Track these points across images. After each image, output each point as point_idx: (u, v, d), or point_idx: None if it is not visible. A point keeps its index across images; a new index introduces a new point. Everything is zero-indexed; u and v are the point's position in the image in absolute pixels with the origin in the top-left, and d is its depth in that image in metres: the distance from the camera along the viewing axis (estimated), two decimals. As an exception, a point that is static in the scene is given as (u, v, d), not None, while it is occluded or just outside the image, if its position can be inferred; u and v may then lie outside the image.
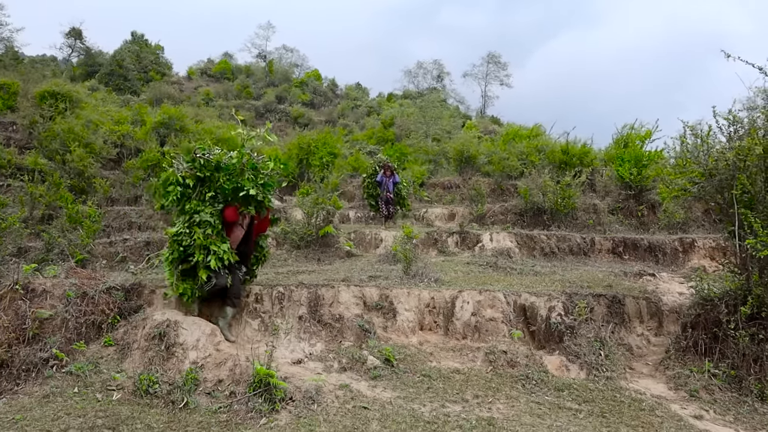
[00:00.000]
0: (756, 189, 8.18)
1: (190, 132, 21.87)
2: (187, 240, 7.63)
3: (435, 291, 9.43)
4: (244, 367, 7.03)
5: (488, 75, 63.16)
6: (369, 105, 47.38)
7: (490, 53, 64.27)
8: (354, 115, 43.78)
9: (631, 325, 9.43)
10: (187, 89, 44.88)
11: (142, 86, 40.53)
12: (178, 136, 21.04)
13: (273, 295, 8.79)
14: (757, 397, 7.34)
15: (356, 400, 6.71)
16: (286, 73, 53.82)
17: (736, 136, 8.73)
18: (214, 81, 50.73)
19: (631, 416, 6.77)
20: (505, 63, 63.94)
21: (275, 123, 39.86)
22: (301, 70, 59.46)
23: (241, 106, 41.46)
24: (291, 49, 62.52)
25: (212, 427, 5.98)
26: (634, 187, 17.51)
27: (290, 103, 43.45)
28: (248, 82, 48.76)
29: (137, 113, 23.85)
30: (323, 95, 50.28)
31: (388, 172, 16.95)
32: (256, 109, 41.34)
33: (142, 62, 44.72)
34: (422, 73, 62.53)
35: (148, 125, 21.54)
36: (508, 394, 7.19)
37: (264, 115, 41.07)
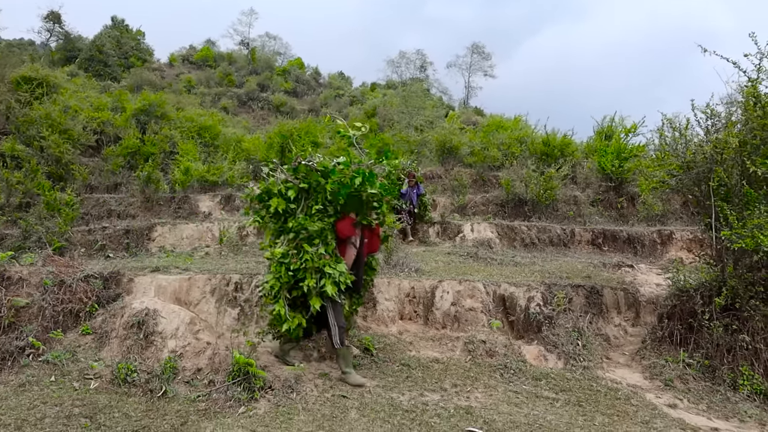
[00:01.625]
0: (732, 182, 8.30)
1: (171, 119, 21.65)
2: (297, 262, 6.65)
3: (415, 281, 9.46)
4: (223, 356, 7.02)
5: (472, 66, 63.10)
6: (352, 94, 47.17)
7: (474, 44, 64.13)
8: (337, 104, 43.54)
9: (608, 316, 9.54)
10: (169, 76, 44.39)
11: (123, 72, 40.03)
12: (159, 123, 20.83)
13: (253, 284, 8.77)
14: (729, 386, 7.48)
15: (335, 389, 6.74)
16: (269, 61, 53.42)
17: (714, 129, 8.84)
18: (196, 68, 50.22)
19: (606, 405, 6.86)
20: (488, 54, 63.84)
21: (257, 111, 39.64)
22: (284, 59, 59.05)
23: (223, 93, 41.12)
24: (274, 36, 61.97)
25: (190, 415, 5.97)
26: (615, 180, 17.65)
27: (273, 92, 43.11)
28: (230, 70, 48.35)
29: (117, 100, 23.55)
30: (306, 84, 49.99)
31: (413, 182, 14.85)
32: (238, 97, 41.01)
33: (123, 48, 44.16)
34: (405, 63, 62.35)
35: (128, 112, 21.30)
36: (486, 384, 7.25)
37: (246, 104, 40.79)
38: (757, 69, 8.28)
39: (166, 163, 18.47)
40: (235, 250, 12.17)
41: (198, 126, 21.61)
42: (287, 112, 37.78)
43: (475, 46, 63.44)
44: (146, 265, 9.67)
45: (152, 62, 47.47)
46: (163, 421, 5.77)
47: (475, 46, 63.45)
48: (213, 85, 43.72)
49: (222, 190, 16.90)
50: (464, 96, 62.02)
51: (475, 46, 63.44)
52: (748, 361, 7.59)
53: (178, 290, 8.51)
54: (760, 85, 8.27)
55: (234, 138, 22.52)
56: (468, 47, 64.40)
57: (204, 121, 22.10)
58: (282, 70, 50.79)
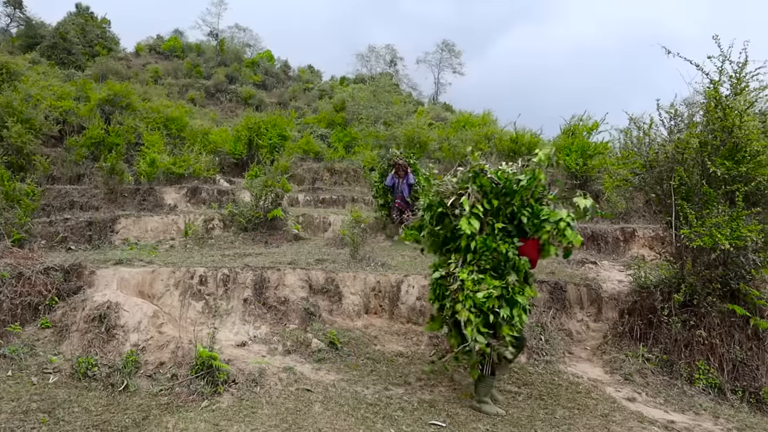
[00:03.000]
0: (692, 181, 8.49)
1: (136, 110, 21.26)
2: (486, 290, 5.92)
3: (381, 275, 9.48)
4: (186, 350, 6.98)
5: (441, 62, 63.36)
6: (321, 88, 46.88)
7: (444, 41, 64.42)
8: (306, 97, 43.28)
9: (571, 311, 9.67)
10: (135, 66, 43.49)
11: (87, 61, 39.07)
12: (124, 114, 20.45)
13: (218, 278, 8.71)
14: (686, 380, 7.69)
15: (300, 383, 6.74)
16: (238, 52, 52.74)
17: (676, 129, 9.03)
18: (163, 58, 49.33)
19: (567, 398, 6.99)
20: (458, 51, 64.19)
21: (225, 103, 39.18)
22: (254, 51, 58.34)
23: (191, 85, 40.52)
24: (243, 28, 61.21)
25: (152, 409, 5.91)
26: (580, 177, 17.88)
27: (241, 84, 42.61)
28: (199, 61, 47.62)
29: (81, 89, 23.01)
30: (275, 77, 49.54)
31: (402, 172, 13.25)
32: (206, 89, 40.41)
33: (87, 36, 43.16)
34: (375, 58, 62.28)
35: (92, 102, 20.81)
36: (450, 378, 7.31)
37: (214, 95, 40.24)
38: (719, 71, 8.48)
39: (131, 155, 18.14)
40: (200, 243, 12.05)
41: (164, 117, 21.22)
42: (256, 104, 37.43)
43: (444, 43, 63.69)
44: (109, 257, 9.52)
45: (118, 51, 46.48)
46: (124, 416, 5.71)
47: (445, 43, 63.70)
48: (180, 76, 43.03)
49: (188, 182, 16.67)
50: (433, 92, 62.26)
51: (444, 43, 63.69)
52: (704, 356, 7.80)
53: (141, 283, 8.39)
54: (721, 87, 8.47)
55: (201, 130, 22.20)
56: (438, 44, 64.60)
57: (171, 113, 21.72)
58: (251, 63, 50.19)
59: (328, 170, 21.22)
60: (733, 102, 8.31)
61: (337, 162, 21.95)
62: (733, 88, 8.49)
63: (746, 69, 8.39)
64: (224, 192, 16.39)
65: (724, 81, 8.48)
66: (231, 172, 20.94)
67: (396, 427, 5.82)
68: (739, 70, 8.39)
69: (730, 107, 8.17)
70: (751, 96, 8.52)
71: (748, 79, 8.41)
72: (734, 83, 8.47)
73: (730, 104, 8.23)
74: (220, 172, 19.92)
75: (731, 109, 8.14)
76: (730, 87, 8.52)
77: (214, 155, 20.08)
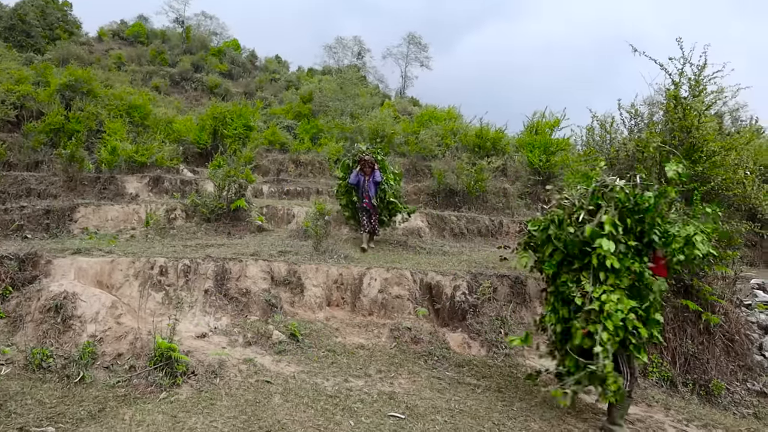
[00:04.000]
0: (651, 179, 8.67)
1: (98, 96, 20.83)
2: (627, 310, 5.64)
3: (344, 267, 9.49)
4: (145, 341, 6.89)
5: (408, 56, 63.31)
6: (288, 79, 46.52)
7: (410, 33, 64.29)
8: (273, 88, 42.89)
9: (531, 305, 9.80)
10: (98, 51, 42.50)
11: (47, 44, 38.04)
12: (85, 100, 20.01)
13: (178, 268, 8.61)
14: (640, 373, 7.82)
15: (260, 375, 6.72)
16: (204, 40, 51.96)
17: (637, 129, 9.22)
18: (127, 44, 48.31)
19: (525, 391, 7.11)
20: (425, 44, 64.17)
21: (190, 92, 38.62)
22: (220, 39, 57.48)
23: (155, 72, 39.79)
24: (210, 16, 60.26)
25: (109, 401, 5.84)
26: (543, 173, 18.12)
27: (207, 72, 42.00)
28: (164, 48, 46.77)
29: (41, 73, 22.49)
30: (242, 66, 48.93)
31: (368, 169, 11.72)
32: (171, 77, 39.74)
33: (48, 19, 41.99)
34: (342, 49, 61.92)
35: (52, 87, 20.32)
36: (410, 370, 7.37)
37: (179, 84, 39.62)
38: (679, 73, 8.67)
39: (92, 142, 17.77)
40: (162, 234, 11.89)
41: (127, 104, 20.86)
42: (221, 94, 36.98)
43: (411, 36, 63.59)
44: (67, 246, 9.33)
45: (80, 36, 45.32)
46: (79, 408, 5.62)
47: (412, 36, 63.60)
48: (144, 63, 42.22)
49: (151, 171, 16.43)
50: (400, 86, 62.22)
51: (411, 36, 63.59)
52: (657, 350, 8.00)
53: (99, 273, 8.25)
54: (681, 88, 8.67)
55: (165, 119, 21.86)
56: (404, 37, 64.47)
57: (134, 100, 21.34)
58: (217, 51, 49.49)
59: (293, 162, 21.09)
60: (693, 103, 8.52)
61: (302, 154, 21.84)
62: (692, 90, 8.70)
63: (705, 72, 8.60)
64: (188, 182, 16.19)
65: (684, 83, 8.68)
66: (195, 161, 20.70)
67: (355, 419, 5.85)
68: (698, 72, 8.59)
69: (690, 108, 8.37)
70: (709, 99, 8.73)
71: (706, 81, 8.62)
72: (693, 85, 8.67)
73: (690, 104, 8.44)
74: (184, 162, 19.67)
75: (690, 110, 8.35)
76: (689, 89, 8.72)
77: (178, 144, 19.81)
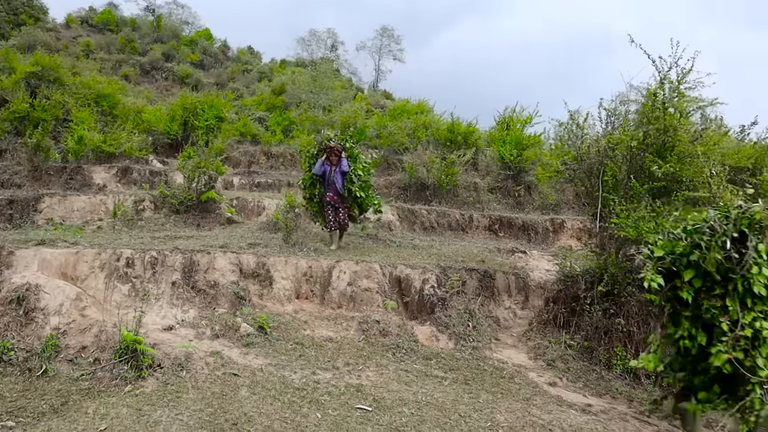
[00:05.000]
0: (621, 176, 8.83)
1: (65, 84, 20.43)
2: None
3: (313, 260, 9.48)
4: (110, 334, 6.81)
5: (382, 49, 63.18)
6: (261, 70, 46.11)
7: (384, 26, 64.15)
8: (245, 79, 42.49)
9: (500, 299, 9.92)
10: (65, 38, 41.60)
11: (12, 30, 37.13)
12: (52, 88, 19.62)
13: (145, 260, 8.52)
14: (604, 366, 8.03)
15: (227, 367, 6.69)
16: (176, 29, 51.25)
17: (611, 126, 9.37)
18: (95, 32, 47.39)
19: (492, 383, 7.19)
20: (398, 37, 64.10)
21: (161, 82, 38.12)
22: (192, 28, 56.71)
23: (125, 61, 39.15)
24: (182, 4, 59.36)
25: (72, 395, 5.77)
26: (513, 168, 18.23)
27: (178, 62, 41.45)
28: (134, 36, 46.03)
29: (5, 59, 21.95)
30: (214, 56, 48.37)
31: (334, 158, 10.81)
32: (141, 66, 39.13)
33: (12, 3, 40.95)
34: (315, 42, 61.57)
35: (17, 74, 19.86)
36: (378, 363, 7.40)
37: (149, 73, 39.07)
38: (665, 74, 8.81)
39: (59, 131, 17.42)
40: (129, 225, 11.75)
41: (96, 93, 20.46)
42: (193, 84, 36.52)
43: (384, 29, 63.45)
44: (31, 237, 9.17)
45: (46, 22, 44.32)
46: (41, 401, 5.55)
47: (385, 29, 63.47)
48: (114, 52, 41.48)
49: (119, 161, 16.19)
50: (374, 79, 62.10)
51: (384, 29, 63.45)
52: (622, 343, 8.16)
53: (64, 265, 8.13)
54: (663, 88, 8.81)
55: (134, 108, 21.52)
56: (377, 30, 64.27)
57: (102, 89, 20.95)
58: (189, 41, 48.87)
59: (264, 154, 20.94)
60: (677, 103, 8.68)
61: (274, 146, 21.67)
62: (672, 92, 8.84)
63: (689, 77, 8.74)
64: (157, 173, 16.00)
65: (666, 84, 8.82)
66: (165, 152, 20.44)
67: (322, 412, 5.85)
68: (682, 76, 8.73)
69: (672, 108, 8.54)
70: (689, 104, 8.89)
71: (687, 87, 8.77)
72: (674, 87, 8.81)
73: (674, 105, 8.59)
74: (154, 153, 19.42)
75: (669, 113, 8.52)
76: (669, 90, 8.86)
77: (148, 135, 19.56)
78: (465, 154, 17.64)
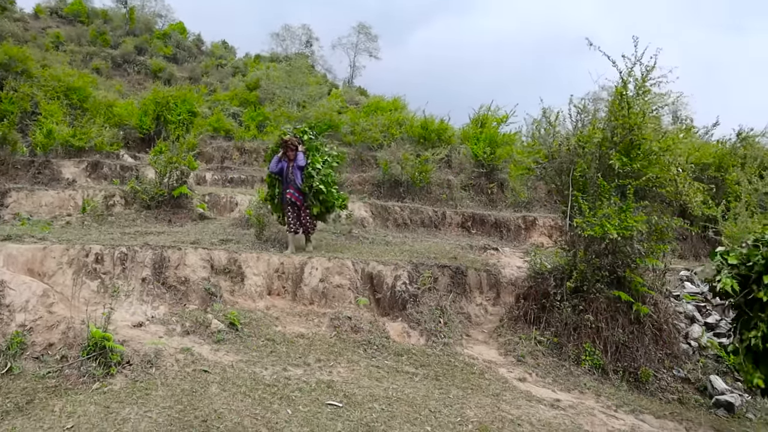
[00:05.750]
0: (590, 174, 8.96)
1: (34, 77, 20.08)
2: None
3: (285, 257, 9.45)
4: (78, 330, 6.71)
5: (357, 45, 63.06)
6: (235, 65, 45.75)
7: (360, 23, 64.04)
8: (219, 74, 42.11)
9: (471, 295, 9.98)
10: (34, 29, 40.73)
11: (-24, 19, 36.43)
12: (19, 80, 19.26)
13: (115, 256, 8.41)
14: (573, 361, 8.15)
15: (197, 364, 6.64)
16: (149, 22, 50.52)
17: (581, 124, 9.49)
18: (65, 23, 46.48)
19: (462, 379, 7.24)
20: (374, 35, 64.05)
21: (133, 75, 37.59)
22: (165, 22, 55.91)
23: (96, 53, 38.50)
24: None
25: (38, 392, 5.68)
26: (487, 166, 18.37)
27: (151, 56, 40.95)
28: (105, 29, 45.26)
29: (-32, 49, 21.56)
30: (187, 50, 47.83)
31: (291, 153, 10.11)
32: (113, 59, 38.50)
33: (-23, -8, 40.20)
34: (290, 37, 61.14)
35: (-17, 65, 19.56)
36: (349, 359, 7.41)
37: (121, 66, 38.47)
38: (629, 72, 8.94)
39: (26, 124, 17.14)
40: (99, 221, 11.60)
41: (65, 86, 20.11)
42: (166, 78, 36.06)
43: (360, 26, 63.35)
44: (-4, 232, 9.02)
45: (14, 11, 43.28)
46: (5, 400, 5.46)
47: (361, 26, 63.37)
48: (85, 44, 40.74)
49: (89, 156, 15.97)
50: (348, 75, 61.95)
51: (360, 26, 63.35)
52: (590, 339, 8.28)
53: (31, 260, 7.99)
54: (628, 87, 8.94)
55: (105, 102, 21.22)
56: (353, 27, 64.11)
57: (73, 82, 20.58)
58: (162, 34, 48.23)
59: (238, 149, 20.83)
60: (641, 102, 8.81)
61: (248, 141, 21.56)
62: (637, 90, 8.98)
63: (652, 74, 8.88)
64: (128, 167, 15.83)
65: (631, 81, 8.95)
66: (137, 147, 20.19)
67: (293, 408, 5.85)
68: (645, 74, 8.87)
69: (634, 105, 8.68)
70: (653, 100, 9.03)
71: (651, 84, 8.91)
72: (639, 85, 8.95)
73: (635, 102, 8.73)
74: (125, 147, 19.18)
75: (634, 109, 8.65)
76: (634, 88, 8.99)
77: (119, 129, 19.31)
78: (439, 152, 17.73)
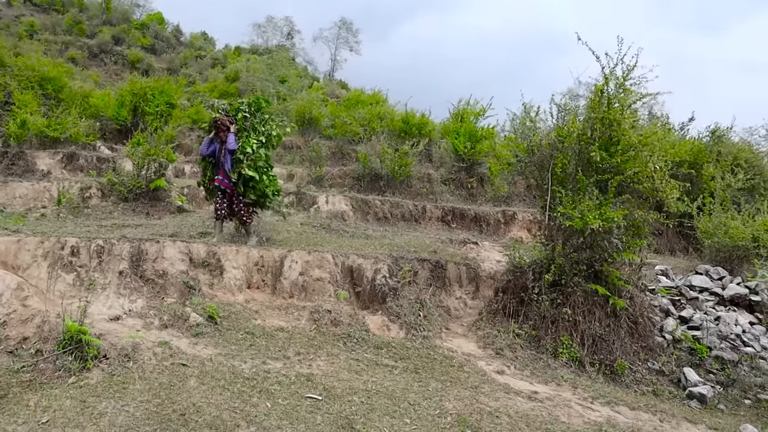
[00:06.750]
0: (569, 169, 9.02)
1: (7, 66, 19.73)
2: None
3: (264, 250, 9.40)
4: (54, 324, 6.61)
5: (339, 39, 63.00)
6: (214, 57, 45.40)
7: (342, 18, 64.11)
8: (198, 65, 41.78)
9: (451, 289, 10.02)
10: (7, 17, 39.98)
11: (-52, 8, 35.78)
12: (-8, 70, 18.96)
13: (91, 249, 8.30)
14: (551, 354, 8.24)
15: (175, 357, 6.58)
16: (126, 12, 49.86)
17: (562, 120, 9.56)
18: (40, 11, 45.68)
19: (441, 372, 7.27)
20: (356, 30, 64.04)
21: (110, 66, 37.10)
22: (143, 11, 55.19)
23: (72, 43, 37.94)
24: (133, -14, 58.02)
25: (12, 387, 5.59)
26: (467, 161, 18.43)
27: (128, 46, 40.45)
28: (81, 18, 44.59)
29: (-60, 39, 21.18)
30: (166, 41, 47.30)
31: (223, 134, 9.27)
32: (89, 49, 37.96)
33: (-51, -21, 39.40)
34: (272, 29, 60.84)
35: (-46, 54, 19.20)
36: (329, 352, 7.40)
37: (98, 56, 37.95)
38: (611, 70, 9.00)
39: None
40: (75, 213, 11.46)
41: (40, 76, 19.79)
42: (144, 69, 35.65)
43: (342, 20, 63.31)
44: (-31, 224, 8.87)
45: (-14, 0, 42.75)
46: (-22, 394, 5.38)
47: (343, 20, 63.33)
48: (60, 33, 40.11)
49: (65, 147, 15.74)
50: (329, 68, 61.85)
51: (342, 20, 63.31)
52: (568, 332, 8.38)
53: (4, 253, 7.86)
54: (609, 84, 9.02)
55: (81, 92, 20.91)
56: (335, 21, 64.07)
57: (48, 71, 20.26)
58: (140, 24, 47.64)
59: (217, 142, 20.64)
60: (621, 98, 8.89)
61: (227, 134, 21.38)
62: (617, 88, 9.05)
63: (633, 73, 8.96)
64: (105, 159, 15.63)
65: (612, 79, 9.02)
66: (113, 138, 19.94)
67: (272, 401, 5.83)
68: (626, 72, 8.94)
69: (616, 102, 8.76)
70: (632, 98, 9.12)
71: (631, 83, 9.00)
72: (620, 83, 9.02)
73: (615, 98, 8.82)
74: (102, 138, 18.95)
75: (614, 108, 8.74)
76: (615, 86, 9.07)
77: (96, 120, 19.06)
78: (417, 146, 17.75)
